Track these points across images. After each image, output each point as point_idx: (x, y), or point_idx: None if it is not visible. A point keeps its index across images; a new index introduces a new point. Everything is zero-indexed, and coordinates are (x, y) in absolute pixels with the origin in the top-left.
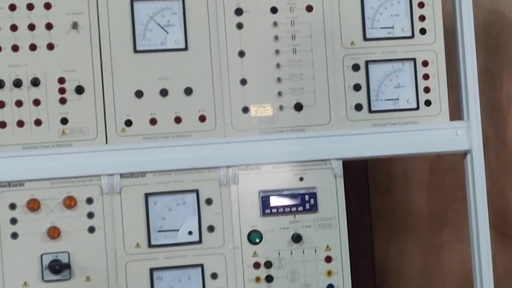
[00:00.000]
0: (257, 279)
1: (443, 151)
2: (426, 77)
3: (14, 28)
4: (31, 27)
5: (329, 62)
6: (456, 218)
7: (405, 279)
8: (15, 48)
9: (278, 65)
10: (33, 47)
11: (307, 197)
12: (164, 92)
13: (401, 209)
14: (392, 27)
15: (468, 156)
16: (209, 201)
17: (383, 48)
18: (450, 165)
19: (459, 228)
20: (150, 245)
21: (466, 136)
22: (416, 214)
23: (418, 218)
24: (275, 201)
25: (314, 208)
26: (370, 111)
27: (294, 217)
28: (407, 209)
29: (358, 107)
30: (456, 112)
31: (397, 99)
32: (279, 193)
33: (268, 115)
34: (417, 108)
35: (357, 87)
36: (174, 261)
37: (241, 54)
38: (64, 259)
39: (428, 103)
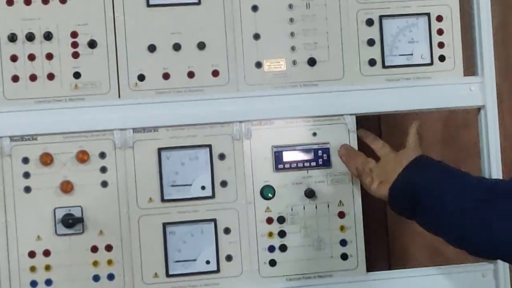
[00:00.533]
0: (270, 234)
1: (457, 107)
2: (440, 32)
3: None
4: None
5: (343, 16)
6: None
7: (418, 234)
8: (27, 1)
9: (291, 20)
10: (45, 1)
11: (320, 152)
12: (177, 47)
13: None
14: None
15: (482, 112)
16: (222, 156)
17: (397, 2)
18: (463, 121)
19: None
20: (163, 200)
21: (480, 92)
22: None
23: None
24: (288, 156)
25: (327, 163)
26: (383, 66)
27: (307, 172)
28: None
29: (372, 62)
30: (470, 67)
31: (411, 54)
32: (292, 148)
33: (281, 70)
34: (431, 63)
35: (370, 42)
36: (187, 216)
37: (254, 8)
38: (77, 213)
39: (442, 58)
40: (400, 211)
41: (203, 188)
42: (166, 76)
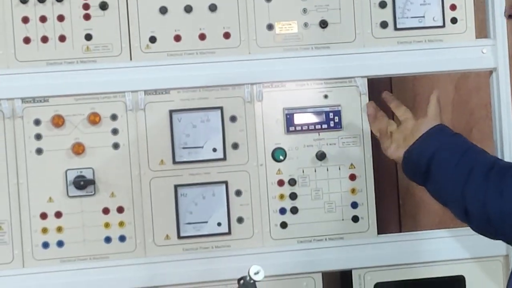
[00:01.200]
0: (281, 196)
1: (469, 69)
2: None
3: None
4: None
5: None
6: (481, 136)
7: (429, 197)
8: None
9: None
10: None
11: (331, 114)
12: (188, 9)
13: None
14: None
15: (494, 75)
16: (233, 118)
17: None
18: (475, 84)
19: (483, 146)
20: (174, 162)
21: (491, 54)
22: None
23: None
24: (299, 118)
25: (338, 125)
26: (395, 28)
27: (318, 134)
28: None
29: (384, 25)
30: (482, 30)
31: (423, 16)
32: (304, 110)
33: (293, 32)
34: (443, 25)
35: (382, 4)
36: (198, 178)
37: None
38: (88, 175)
39: (454, 20)
40: (412, 176)
41: (214, 150)
42: (177, 38)
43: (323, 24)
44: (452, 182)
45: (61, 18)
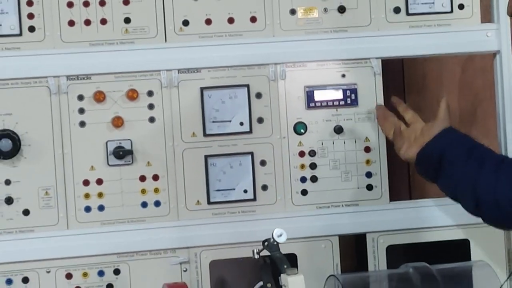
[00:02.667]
0: (302, 166)
1: (474, 52)
2: None
3: None
4: None
5: None
6: (485, 116)
7: None
8: None
9: None
10: None
11: (348, 92)
12: None
13: (433, 106)
14: None
15: (497, 57)
16: (258, 95)
17: None
18: (480, 66)
19: (487, 125)
20: (205, 134)
21: (495, 38)
22: None
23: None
24: (319, 95)
25: (354, 102)
26: (407, 13)
27: (336, 110)
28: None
29: (397, 10)
30: (487, 15)
31: (433, 2)
32: (323, 88)
33: (314, 17)
34: (451, 11)
35: None
36: (227, 149)
37: None
38: (127, 146)
39: (461, 6)
40: (425, 173)
41: (241, 124)
42: (208, 21)
43: (341, 9)
44: (463, 176)
45: (102, 3)
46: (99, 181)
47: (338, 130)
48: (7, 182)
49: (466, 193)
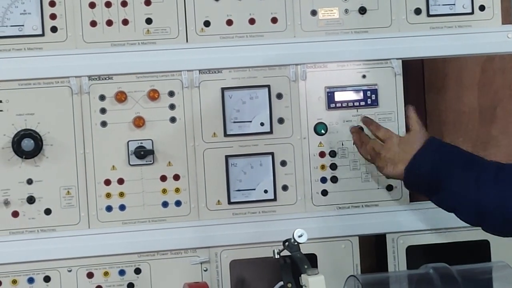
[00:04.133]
0: (322, 167)
1: (494, 53)
2: None
3: None
4: None
5: None
6: (504, 115)
7: None
8: None
9: None
10: None
11: (369, 93)
12: None
13: (453, 106)
14: None
15: None
16: (279, 96)
17: None
18: (500, 66)
19: (506, 124)
20: (225, 135)
21: None
22: (467, 111)
23: (469, 115)
24: (339, 96)
25: (375, 103)
26: (428, 15)
27: (357, 111)
28: (459, 106)
29: (417, 11)
30: (507, 16)
31: (454, 4)
32: (343, 89)
33: (335, 18)
34: (472, 12)
35: None
36: (247, 149)
37: None
38: (148, 145)
39: (482, 8)
40: (416, 188)
41: (262, 124)
42: (229, 22)
43: (362, 10)
44: (461, 188)
45: (124, 3)
46: (121, 181)
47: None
48: (29, 182)
49: (466, 205)
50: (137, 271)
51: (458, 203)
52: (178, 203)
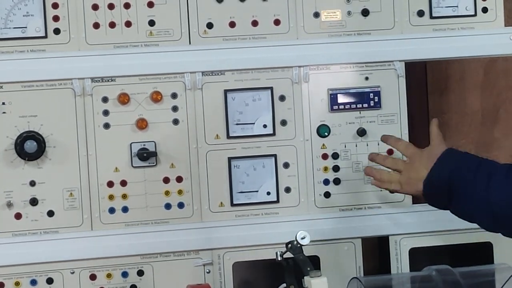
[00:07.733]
0: (325, 169)
1: (497, 55)
2: None
3: None
4: None
5: None
6: (507, 117)
7: None
8: None
9: None
10: None
11: (371, 95)
12: None
13: (456, 108)
14: None
15: None
16: (282, 98)
17: None
18: (503, 68)
19: (509, 126)
20: (228, 137)
21: None
22: (469, 113)
23: (472, 116)
24: (342, 98)
25: (378, 105)
26: (431, 17)
27: (360, 113)
28: (462, 108)
29: (420, 13)
30: (510, 18)
31: (457, 6)
32: (346, 91)
33: (337, 20)
34: (475, 14)
35: None
36: (250, 151)
37: None
38: (151, 147)
39: (485, 10)
40: (436, 201)
41: (265, 126)
42: (232, 24)
43: (365, 12)
44: (475, 192)
45: (127, 5)
46: (123, 183)
47: (361, 132)
48: (32, 184)
49: (481, 210)
50: (140, 273)
51: (474, 207)
52: (181, 205)
